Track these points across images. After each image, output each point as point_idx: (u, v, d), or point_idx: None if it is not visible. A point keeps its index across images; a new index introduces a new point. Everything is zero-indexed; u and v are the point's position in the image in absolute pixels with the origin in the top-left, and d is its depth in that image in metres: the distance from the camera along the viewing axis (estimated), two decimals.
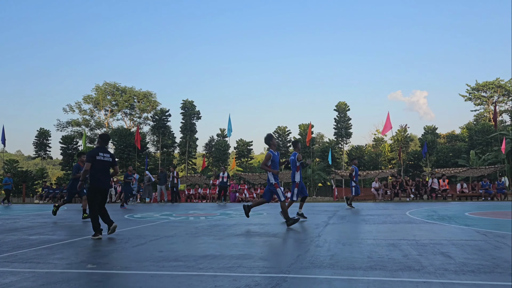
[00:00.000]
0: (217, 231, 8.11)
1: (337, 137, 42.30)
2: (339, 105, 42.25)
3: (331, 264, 4.64)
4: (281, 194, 9.03)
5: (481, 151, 36.04)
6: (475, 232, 7.40)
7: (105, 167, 7.58)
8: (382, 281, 3.83)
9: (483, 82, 47.97)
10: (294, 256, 5.21)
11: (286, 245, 6.18)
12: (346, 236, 7.22)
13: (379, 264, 4.59)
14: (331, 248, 5.78)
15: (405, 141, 41.48)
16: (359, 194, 17.40)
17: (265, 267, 4.55)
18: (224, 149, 41.20)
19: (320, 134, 59.96)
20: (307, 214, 12.73)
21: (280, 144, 43.02)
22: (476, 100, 49.19)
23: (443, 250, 5.44)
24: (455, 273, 4.10)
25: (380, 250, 5.52)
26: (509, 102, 48.23)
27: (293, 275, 4.15)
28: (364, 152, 41.86)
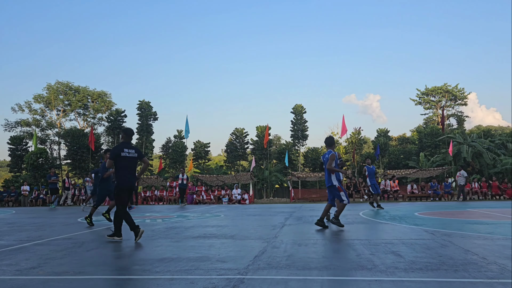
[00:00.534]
0: (174, 234, 8.05)
1: (294, 139, 42.84)
2: (295, 107, 42.83)
3: (288, 265, 4.73)
4: (345, 196, 8.67)
5: (430, 153, 37.58)
6: (423, 231, 7.74)
7: (132, 164, 7.16)
8: (336, 280, 3.96)
9: (432, 87, 50.05)
10: (251, 257, 5.26)
11: (243, 247, 6.23)
12: (302, 237, 7.36)
13: (334, 264, 4.73)
14: (287, 249, 5.88)
15: (359, 143, 42.60)
16: (379, 193, 16.47)
17: (222, 269, 4.57)
18: (181, 150, 40.77)
19: (277, 136, 60.48)
20: (263, 215, 12.85)
21: (237, 146, 43.08)
22: (425, 104, 51.20)
23: (394, 249, 5.66)
24: (405, 271, 4.29)
25: (334, 250, 5.68)
26: (455, 106, 50.58)
27: (250, 276, 4.20)
28: (320, 154, 42.61)
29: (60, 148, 42.77)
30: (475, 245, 5.93)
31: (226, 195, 25.40)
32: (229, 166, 44.30)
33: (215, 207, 19.89)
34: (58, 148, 43.04)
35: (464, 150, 32.77)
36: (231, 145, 43.28)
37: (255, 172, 35.54)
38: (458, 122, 47.99)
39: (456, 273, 4.16)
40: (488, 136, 37.62)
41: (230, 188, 26.92)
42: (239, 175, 31.09)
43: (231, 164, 44.30)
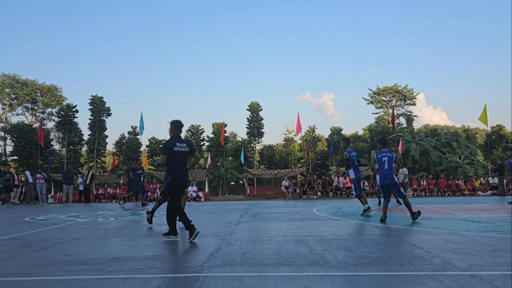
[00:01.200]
0: (127, 232, 7.92)
1: (250, 136, 43.06)
2: (251, 105, 43.04)
3: (242, 262, 4.78)
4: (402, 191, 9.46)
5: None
6: (373, 227, 8.03)
7: (184, 159, 6.84)
8: (289, 276, 4.05)
9: (383, 87, 51.77)
10: (207, 255, 5.28)
11: (198, 245, 6.22)
12: (257, 233, 7.45)
13: (287, 260, 4.83)
14: (242, 246, 5.94)
15: (313, 141, 43.41)
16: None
17: (177, 267, 4.56)
18: (135, 147, 39.97)
19: (233, 133, 60.56)
20: (219, 212, 12.87)
21: (194, 143, 42.75)
22: (377, 104, 52.90)
23: (346, 245, 5.85)
24: (355, 266, 4.45)
25: (288, 247, 5.79)
26: (405, 106, 52.54)
27: (205, 274, 4.22)
28: (275, 152, 43.07)
29: (6, 144, 40.81)
30: (421, 240, 6.23)
31: None
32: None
33: None
34: (4, 144, 41.04)
35: (413, 148, 34.10)
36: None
37: (210, 169, 35.43)
38: (407, 121, 49.90)
39: (403, 266, 4.36)
40: (435, 135, 39.34)
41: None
42: (195, 172, 30.87)
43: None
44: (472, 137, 45.50)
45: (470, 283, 3.64)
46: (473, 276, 3.87)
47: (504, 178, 21.84)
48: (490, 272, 4.04)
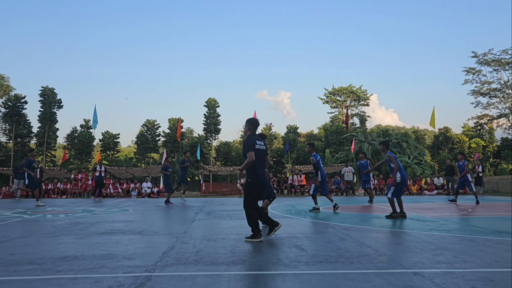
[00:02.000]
0: (78, 230, 7.72)
1: (206, 132, 42.85)
2: (209, 101, 42.83)
3: (196, 260, 4.80)
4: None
5: (335, 150, 39.78)
6: (325, 225, 8.25)
7: (263, 158, 6.59)
8: (242, 275, 4.11)
9: (339, 87, 52.95)
10: (160, 253, 5.25)
11: (152, 243, 6.17)
12: (211, 231, 7.46)
13: (241, 259, 4.89)
14: (196, 245, 5.95)
15: (269, 138, 43.76)
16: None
17: (129, 267, 4.52)
18: (88, 141, 38.82)
19: (189, 129, 60.10)
20: (173, 209, 12.76)
21: (149, 138, 42.04)
22: (332, 104, 54.05)
23: (298, 243, 5.98)
24: (306, 264, 4.57)
25: (242, 245, 5.85)
26: (359, 106, 53.97)
27: (158, 273, 4.20)
28: (231, 148, 43.10)
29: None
30: (370, 238, 6.47)
31: (135, 188, 24.73)
32: (140, 159, 43.12)
33: (124, 201, 19.30)
34: None
35: (365, 147, 35.12)
36: (142, 137, 42.16)
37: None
38: (361, 121, 51.28)
39: (351, 265, 4.53)
40: (386, 135, 40.68)
41: (140, 181, 26.24)
42: (150, 168, 30.41)
43: (142, 157, 43.15)
44: (421, 138, 47.44)
45: (412, 280, 3.83)
46: (416, 274, 4.08)
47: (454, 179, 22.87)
48: (431, 269, 4.27)
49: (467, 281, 3.80)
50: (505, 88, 44.68)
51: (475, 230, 7.39)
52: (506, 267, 4.38)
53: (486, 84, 45.34)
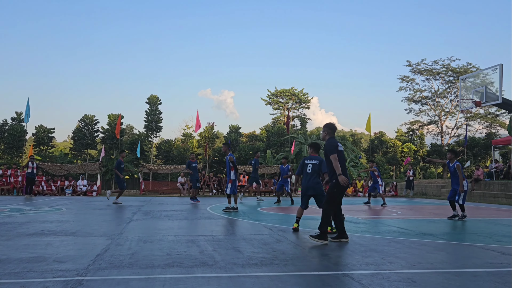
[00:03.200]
0: (4, 231, 7.31)
1: (147, 130, 41.93)
2: (151, 98, 41.94)
3: (131, 264, 4.72)
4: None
5: (276, 151, 40.37)
6: (263, 226, 8.38)
7: (344, 159, 6.74)
8: (177, 278, 4.10)
9: (281, 89, 53.78)
10: (93, 256, 5.11)
11: (85, 245, 5.98)
12: (148, 233, 7.35)
13: (177, 261, 4.87)
14: (132, 247, 5.84)
15: (211, 138, 43.58)
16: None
17: (59, 270, 4.36)
18: (19, 135, 36.67)
19: (130, 126, 58.51)
20: (111, 209, 12.40)
21: (86, 134, 40.46)
22: (274, 105, 54.79)
23: (235, 245, 6.05)
24: (242, 267, 4.64)
25: (179, 247, 5.83)
26: (300, 109, 55.13)
27: (90, 277, 4.09)
28: (173, 147, 42.48)
29: None
30: (305, 240, 6.66)
31: (70, 186, 23.72)
32: (76, 155, 41.40)
33: (57, 199, 18.47)
34: None
35: (305, 149, 35.94)
36: (79, 132, 40.47)
37: (104, 162, 33.86)
38: (302, 123, 52.36)
39: (286, 267, 4.66)
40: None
41: (75, 178, 25.21)
42: (86, 165, 29.29)
43: (78, 153, 41.44)
44: (358, 141, 49.22)
45: (343, 281, 4.02)
46: (345, 275, 4.27)
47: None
48: (360, 271, 4.49)
49: (391, 282, 4.03)
50: (435, 96, 47.50)
51: (403, 232, 7.82)
52: (427, 268, 4.69)
53: (418, 92, 47.95)
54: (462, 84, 18.35)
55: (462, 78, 18.75)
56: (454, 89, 45.08)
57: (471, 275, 4.42)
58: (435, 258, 5.27)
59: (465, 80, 18.76)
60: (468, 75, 19.76)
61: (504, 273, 4.43)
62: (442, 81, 46.72)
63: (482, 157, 41.17)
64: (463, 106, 18.00)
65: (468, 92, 17.89)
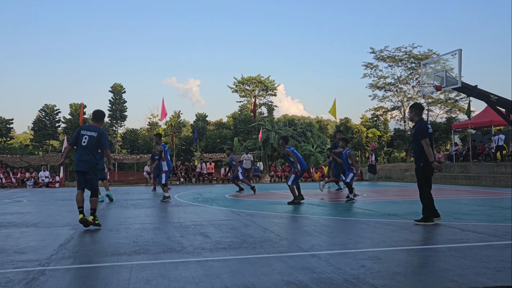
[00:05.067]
0: None
1: (112, 119, 41.03)
2: (114, 86, 41.00)
3: (95, 252, 4.62)
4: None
5: (243, 138, 40.36)
6: (231, 212, 8.38)
7: (433, 142, 6.56)
8: (144, 265, 4.04)
9: (248, 76, 53.57)
10: (56, 246, 4.96)
11: (47, 236, 5.81)
12: (114, 221, 7.21)
13: (144, 248, 4.80)
14: (96, 235, 5.72)
15: (178, 126, 43.14)
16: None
17: (20, 261, 4.22)
18: None
19: None
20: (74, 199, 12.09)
21: (47, 124, 39.20)
22: (241, 93, 54.57)
23: (203, 231, 6.01)
24: (210, 251, 4.62)
25: (146, 234, 5.74)
26: (267, 96, 55.20)
27: (52, 267, 3.98)
28: (138, 136, 41.80)
29: None
30: (273, 224, 6.70)
31: (31, 177, 22.98)
32: (37, 146, 40.09)
33: (17, 191, 17.87)
34: None
35: (272, 136, 36.08)
36: (39, 123, 39.16)
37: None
38: (268, 110, 52.49)
39: (254, 249, 4.67)
40: (292, 125, 42.11)
41: (37, 170, 24.43)
42: (48, 156, 28.44)
43: (39, 144, 40.14)
44: (324, 128, 49.84)
45: (310, 262, 4.06)
46: (313, 256, 4.32)
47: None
48: (327, 251, 4.55)
49: (358, 260, 4.11)
50: (398, 83, 48.52)
51: (368, 213, 7.99)
52: (392, 246, 4.81)
53: (382, 79, 48.82)
54: (423, 70, 18.79)
55: (424, 64, 19.20)
56: (416, 75, 46.18)
57: (433, 251, 4.56)
58: (399, 236, 5.41)
59: (426, 66, 19.24)
60: (429, 60, 20.28)
61: (463, 248, 4.59)
62: (405, 68, 47.70)
63: (443, 141, 42.49)
64: (424, 90, 18.46)
65: (429, 78, 18.32)
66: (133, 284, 3.38)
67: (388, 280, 3.42)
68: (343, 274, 3.59)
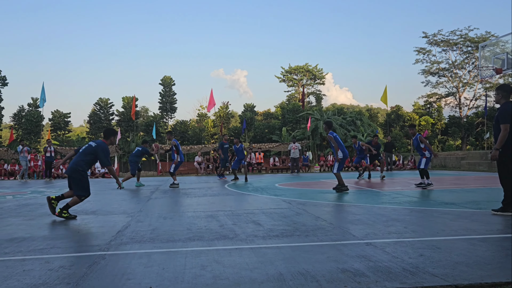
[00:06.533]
0: (27, 211, 7.42)
1: (162, 111, 42.10)
2: (164, 79, 41.97)
3: (152, 238, 4.74)
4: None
5: (291, 128, 40.19)
6: (282, 201, 8.35)
7: None
8: (199, 251, 4.09)
9: (295, 66, 53.20)
10: (114, 232, 5.14)
11: (105, 223, 6.03)
12: (167, 210, 7.39)
13: (197, 235, 4.87)
14: (152, 223, 5.87)
15: (226, 117, 43.60)
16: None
17: (82, 246, 4.40)
18: (37, 120, 37.16)
19: (144, 108, 58.78)
20: (128, 189, 12.53)
21: (102, 117, 40.79)
22: (288, 82, 54.32)
23: (255, 219, 6.03)
24: (263, 239, 4.61)
25: (199, 222, 5.83)
26: (315, 85, 54.60)
27: (112, 252, 4.11)
28: (188, 127, 42.62)
29: None
30: (325, 212, 6.61)
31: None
32: (92, 138, 41.82)
33: None
34: None
35: (321, 126, 35.66)
36: (94, 116, 40.84)
37: (120, 145, 34.18)
38: (317, 99, 51.93)
39: (307, 237, 4.62)
40: (341, 113, 41.45)
41: None
42: None
43: (95, 136, 41.87)
44: (374, 116, 48.66)
45: (365, 250, 3.96)
46: (368, 244, 4.21)
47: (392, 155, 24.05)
48: (383, 240, 4.42)
49: (416, 249, 3.96)
50: (452, 68, 46.45)
51: (424, 202, 7.71)
52: (451, 235, 4.60)
53: (435, 64, 46.91)
54: (481, 53, 17.85)
55: (482, 46, 18.23)
56: (472, 59, 44.02)
57: (497, 240, 4.32)
58: (459, 225, 5.17)
59: (484, 48, 18.25)
60: (487, 42, 19.22)
61: None
62: (460, 52, 45.53)
63: None
64: (483, 74, 17.54)
65: (487, 61, 17.42)
66: (189, 269, 3.43)
67: (450, 269, 3.27)
68: (401, 263, 3.47)
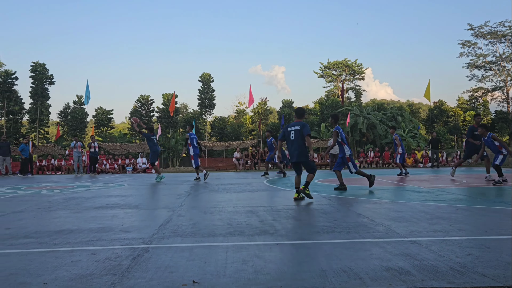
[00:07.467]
0: (73, 205, 7.69)
1: (201, 108, 42.61)
2: (203, 76, 42.44)
3: (193, 232, 4.79)
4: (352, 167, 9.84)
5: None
6: (322, 197, 8.27)
7: None
8: (240, 246, 4.10)
9: (334, 61, 52.54)
10: (156, 226, 5.24)
11: (148, 216, 6.16)
12: (207, 205, 7.46)
13: (238, 230, 4.88)
14: (193, 217, 5.94)
15: (264, 113, 43.64)
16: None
17: (126, 239, 4.50)
18: (81, 117, 38.52)
19: (184, 105, 59.71)
20: (170, 184, 12.75)
21: (143, 114, 41.76)
22: (327, 78, 53.75)
23: (295, 215, 5.99)
24: (304, 235, 4.57)
25: (239, 217, 5.85)
26: (354, 80, 53.73)
27: (155, 245, 4.19)
28: (227, 124, 42.98)
29: None
30: (366, 209, 6.48)
31: (130, 164, 24.68)
32: (134, 134, 42.93)
33: (119, 176, 19.27)
34: None
35: (360, 121, 35.11)
36: (135, 113, 41.85)
37: (161, 141, 34.89)
38: (356, 95, 51.12)
39: (348, 234, 4.54)
40: (381, 109, 40.63)
41: (135, 157, 26.17)
42: (144, 144, 30.28)
43: (136, 132, 42.95)
44: (416, 112, 47.42)
45: (409, 248, 3.84)
46: (412, 242, 4.09)
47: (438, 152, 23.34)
48: (428, 238, 4.28)
49: (463, 248, 3.81)
50: (500, 61, 44.54)
51: (470, 200, 7.43)
52: (502, 234, 4.40)
53: (481, 57, 45.13)
54: None
55: None
56: None
57: None
58: (510, 224, 4.94)
59: None
60: None
61: None
62: (508, 44, 43.59)
63: None
64: None
65: None
66: (230, 263, 3.44)
67: (501, 270, 3.12)
68: (448, 262, 3.35)
